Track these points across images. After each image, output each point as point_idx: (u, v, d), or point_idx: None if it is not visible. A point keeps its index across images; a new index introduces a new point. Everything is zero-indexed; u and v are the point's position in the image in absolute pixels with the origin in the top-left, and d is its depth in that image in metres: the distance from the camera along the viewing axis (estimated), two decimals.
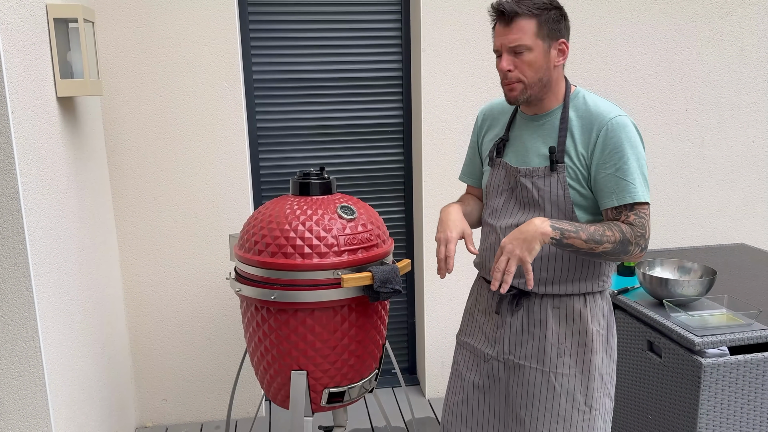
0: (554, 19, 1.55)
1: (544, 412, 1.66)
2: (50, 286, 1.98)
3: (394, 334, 3.39)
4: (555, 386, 1.66)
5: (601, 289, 1.69)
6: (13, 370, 1.86)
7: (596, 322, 1.67)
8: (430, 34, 2.91)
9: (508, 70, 1.57)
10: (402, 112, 3.16)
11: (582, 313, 1.66)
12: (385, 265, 2.07)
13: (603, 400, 1.69)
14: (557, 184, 1.60)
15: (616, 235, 1.52)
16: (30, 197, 1.86)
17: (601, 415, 1.69)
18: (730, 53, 3.19)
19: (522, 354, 1.70)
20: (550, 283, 1.66)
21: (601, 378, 1.68)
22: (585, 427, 1.66)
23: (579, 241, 1.51)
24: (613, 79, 3.11)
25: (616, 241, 1.52)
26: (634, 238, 1.54)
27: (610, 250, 1.53)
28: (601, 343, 1.68)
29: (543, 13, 1.53)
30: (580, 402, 1.66)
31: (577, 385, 1.66)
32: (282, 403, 2.18)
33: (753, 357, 1.96)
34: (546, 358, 1.66)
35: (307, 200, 2.11)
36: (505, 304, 1.72)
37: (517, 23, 1.53)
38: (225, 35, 2.78)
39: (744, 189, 3.35)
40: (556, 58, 1.58)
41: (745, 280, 2.49)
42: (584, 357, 1.66)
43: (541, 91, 1.60)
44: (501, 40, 1.57)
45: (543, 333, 1.67)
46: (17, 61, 1.82)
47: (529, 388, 1.69)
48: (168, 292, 2.95)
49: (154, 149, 2.82)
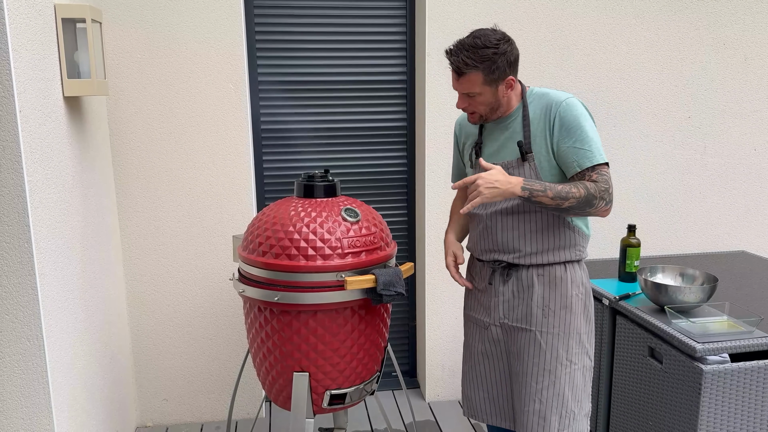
0: (498, 66, 1.77)
1: (532, 366, 1.92)
2: (54, 284, 1.99)
3: (395, 336, 3.40)
4: (541, 343, 1.91)
5: (578, 258, 1.94)
6: (16, 368, 1.87)
7: (576, 287, 1.92)
8: (434, 39, 2.92)
9: (463, 108, 1.87)
10: (406, 116, 3.17)
11: (563, 278, 1.91)
12: (389, 268, 2.08)
13: (581, 356, 1.94)
14: (530, 171, 1.86)
15: (581, 192, 1.76)
16: (36, 195, 1.87)
17: (580, 370, 1.94)
18: (734, 61, 3.20)
19: (514, 317, 1.95)
20: (535, 254, 1.91)
21: (579, 336, 1.93)
22: (567, 379, 1.92)
23: (546, 198, 1.75)
24: (617, 86, 3.12)
25: (581, 196, 1.75)
26: (598, 192, 1.77)
27: (576, 205, 1.76)
28: (580, 305, 1.93)
29: (486, 64, 1.76)
30: (562, 357, 1.91)
31: (560, 342, 1.91)
32: (283, 405, 2.19)
33: (754, 364, 1.97)
34: (533, 319, 1.92)
35: (312, 202, 2.12)
36: (497, 276, 1.97)
37: (466, 76, 1.79)
38: (231, 37, 2.79)
39: (746, 197, 3.36)
40: (505, 91, 1.84)
41: (746, 288, 2.50)
42: (565, 317, 1.91)
43: (496, 113, 1.89)
44: (455, 86, 1.85)
45: (530, 297, 1.92)
46: (25, 60, 1.83)
47: (520, 346, 1.95)
48: (170, 292, 2.96)
49: (158, 149, 2.83)
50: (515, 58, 1.81)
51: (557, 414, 1.92)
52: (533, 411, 1.93)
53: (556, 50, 3.03)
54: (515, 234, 1.91)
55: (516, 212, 1.90)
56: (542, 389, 1.92)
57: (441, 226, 3.08)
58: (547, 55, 3.03)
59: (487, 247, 1.97)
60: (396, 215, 3.27)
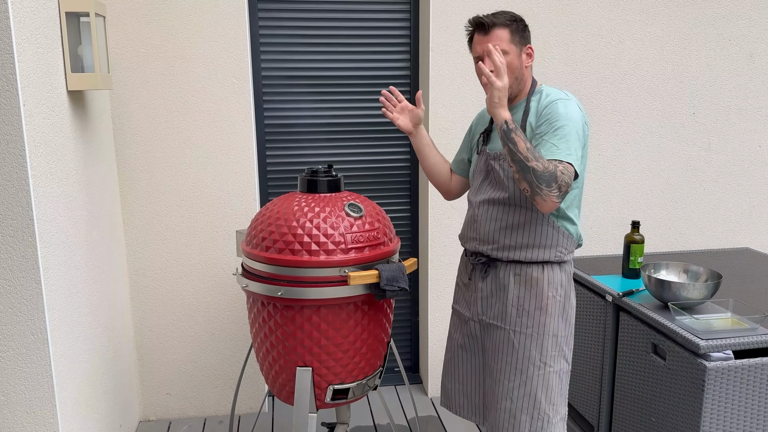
0: (521, 29, 1.87)
1: (505, 365, 1.94)
2: (58, 279, 1.99)
3: (398, 332, 3.40)
4: (514, 342, 1.92)
5: (559, 260, 1.92)
6: (20, 362, 1.87)
7: (553, 289, 1.92)
8: (438, 35, 2.91)
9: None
10: None
11: (539, 280, 1.91)
12: (392, 264, 2.08)
13: (557, 359, 1.93)
14: None
15: (549, 166, 1.70)
16: (40, 190, 1.87)
17: (556, 373, 1.93)
18: (739, 57, 3.19)
19: (491, 314, 1.98)
20: (513, 249, 1.91)
21: (555, 338, 1.92)
22: (539, 381, 1.91)
23: (522, 144, 1.70)
24: (621, 81, 3.11)
25: (547, 169, 1.69)
26: (559, 179, 1.70)
27: (539, 172, 1.68)
28: (557, 308, 1.92)
29: (513, 24, 1.85)
30: (535, 358, 1.91)
31: (533, 343, 1.91)
32: (286, 399, 2.19)
33: (758, 361, 1.97)
34: (507, 317, 1.93)
35: (315, 197, 2.12)
36: (476, 272, 2.01)
37: (494, 32, 1.84)
38: (234, 31, 2.79)
39: (750, 193, 3.35)
40: (526, 60, 1.89)
41: (750, 285, 2.49)
42: (540, 318, 1.91)
43: (515, 89, 1.89)
44: (482, 46, 1.86)
45: (506, 296, 1.94)
46: (29, 54, 1.83)
47: (495, 343, 1.97)
48: (174, 287, 2.96)
49: (162, 144, 2.83)
50: (529, 34, 1.91)
51: (528, 415, 1.92)
52: (504, 409, 1.95)
53: (561, 45, 3.02)
54: (497, 225, 1.93)
55: (502, 204, 1.92)
56: (513, 388, 1.93)
57: (444, 222, 3.08)
58: (552, 50, 3.02)
59: (470, 235, 2.01)
60: (399, 211, 3.27)
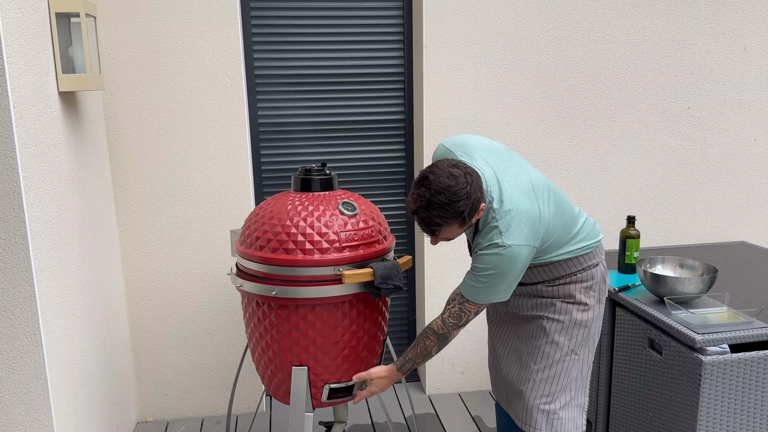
0: (470, 208, 1.68)
1: (533, 349, 1.97)
2: (51, 280, 1.98)
3: (395, 330, 3.40)
4: (545, 327, 1.95)
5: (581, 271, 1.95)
6: (14, 365, 1.86)
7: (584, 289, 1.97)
8: (432, 30, 2.90)
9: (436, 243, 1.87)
10: (404, 109, 3.15)
11: (572, 289, 1.96)
12: (387, 261, 2.07)
13: (584, 348, 1.96)
14: None
15: (433, 341, 1.93)
16: (32, 191, 1.86)
17: (581, 361, 1.96)
18: (733, 51, 3.19)
19: (523, 306, 2.02)
20: (536, 285, 1.98)
21: (587, 329, 1.95)
22: (566, 366, 1.94)
23: (417, 364, 1.98)
24: (615, 76, 3.10)
25: (434, 344, 1.94)
26: (446, 329, 1.91)
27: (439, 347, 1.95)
28: (590, 301, 1.95)
29: (460, 217, 1.68)
30: (564, 344, 1.94)
31: (564, 329, 1.94)
32: (283, 399, 2.19)
33: (753, 355, 1.97)
34: (540, 306, 1.97)
35: (309, 196, 2.11)
36: None
37: (440, 231, 1.73)
38: (227, 30, 2.78)
39: (745, 187, 3.35)
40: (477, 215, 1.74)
41: (746, 278, 2.49)
42: (570, 308, 1.94)
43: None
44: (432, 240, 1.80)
45: (539, 292, 1.99)
46: (19, 55, 1.82)
47: (527, 329, 2.00)
48: (169, 288, 2.95)
49: (155, 144, 2.82)
50: (479, 184, 1.70)
51: (550, 399, 1.96)
52: (524, 393, 2.00)
53: (555, 41, 3.01)
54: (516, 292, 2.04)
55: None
56: (538, 370, 1.96)
57: None
58: (546, 45, 3.01)
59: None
60: (394, 208, 3.26)
